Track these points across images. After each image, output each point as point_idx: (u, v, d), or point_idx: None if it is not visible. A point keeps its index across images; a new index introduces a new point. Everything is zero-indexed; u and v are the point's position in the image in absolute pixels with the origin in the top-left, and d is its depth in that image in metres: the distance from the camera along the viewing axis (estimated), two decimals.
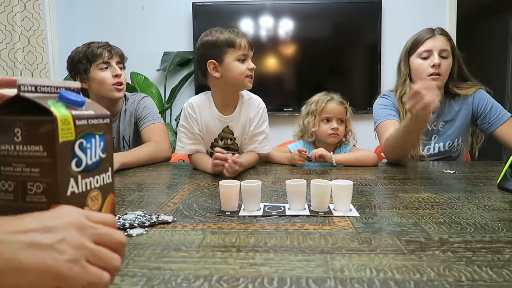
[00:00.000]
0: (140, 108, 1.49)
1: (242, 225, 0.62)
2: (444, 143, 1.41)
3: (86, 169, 0.41)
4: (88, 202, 0.42)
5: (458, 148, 1.42)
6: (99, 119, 0.44)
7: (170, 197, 0.83)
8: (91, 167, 0.42)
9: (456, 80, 1.39)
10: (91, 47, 1.37)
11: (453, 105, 1.40)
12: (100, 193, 0.44)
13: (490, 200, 0.77)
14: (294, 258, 0.48)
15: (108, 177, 0.46)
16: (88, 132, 0.42)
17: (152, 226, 0.62)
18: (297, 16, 2.70)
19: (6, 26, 2.32)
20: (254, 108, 1.30)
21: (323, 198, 0.69)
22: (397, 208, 0.71)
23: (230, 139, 1.29)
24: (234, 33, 1.18)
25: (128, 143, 1.51)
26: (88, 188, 0.42)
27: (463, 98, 1.39)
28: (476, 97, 1.38)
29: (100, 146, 0.44)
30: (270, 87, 2.76)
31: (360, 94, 2.75)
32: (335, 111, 1.35)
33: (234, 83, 1.21)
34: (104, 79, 1.37)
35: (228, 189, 0.70)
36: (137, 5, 2.76)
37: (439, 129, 1.41)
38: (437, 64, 1.29)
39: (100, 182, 0.44)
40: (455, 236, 0.55)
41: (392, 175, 1.08)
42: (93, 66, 1.37)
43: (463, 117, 1.39)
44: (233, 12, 2.70)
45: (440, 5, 2.68)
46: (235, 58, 1.17)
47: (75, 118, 0.40)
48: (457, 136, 1.40)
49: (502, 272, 0.43)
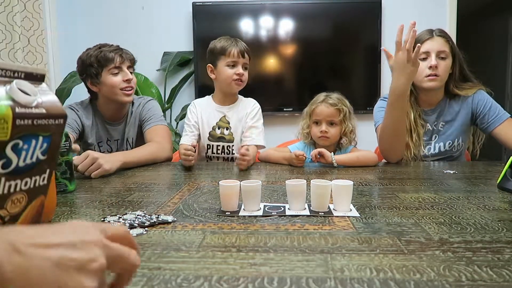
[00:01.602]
0: (145, 111, 1.51)
1: (242, 225, 0.62)
2: (444, 142, 1.42)
3: (14, 171, 0.37)
4: (7, 205, 0.38)
5: (458, 148, 1.42)
6: (50, 119, 0.39)
7: (170, 197, 0.83)
8: (22, 169, 0.38)
9: (457, 80, 1.39)
10: (103, 51, 1.38)
11: (453, 105, 1.41)
12: (26, 196, 0.40)
13: (490, 200, 0.77)
14: (294, 258, 0.48)
15: (43, 179, 0.41)
16: (29, 133, 0.37)
17: (152, 226, 0.62)
18: (297, 16, 2.70)
19: (6, 26, 2.32)
20: (251, 105, 1.50)
21: (323, 198, 0.69)
22: (397, 208, 0.71)
23: (226, 128, 1.47)
24: (230, 41, 1.40)
25: (131, 145, 1.52)
26: (12, 190, 0.38)
27: (463, 98, 1.40)
28: (476, 98, 1.39)
29: (41, 148, 0.39)
30: (270, 87, 2.76)
31: (360, 94, 2.75)
32: (324, 114, 1.33)
33: (224, 85, 1.43)
34: (115, 84, 1.39)
35: (228, 189, 0.70)
36: (137, 5, 2.76)
37: (439, 129, 1.42)
38: (433, 65, 1.31)
39: (29, 185, 0.39)
40: (455, 236, 0.55)
41: (392, 175, 1.08)
42: (104, 70, 1.38)
43: (463, 117, 1.40)
44: (233, 12, 2.70)
45: (440, 5, 2.68)
46: (226, 64, 1.39)
47: (16, 117, 0.35)
48: (457, 135, 1.41)
49: (502, 272, 0.43)
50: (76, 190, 0.91)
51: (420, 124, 1.40)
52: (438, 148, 1.42)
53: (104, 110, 1.49)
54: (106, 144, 1.50)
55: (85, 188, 0.93)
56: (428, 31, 1.36)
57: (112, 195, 0.86)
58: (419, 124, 1.40)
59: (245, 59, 1.40)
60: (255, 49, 2.76)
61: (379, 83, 2.69)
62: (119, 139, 1.51)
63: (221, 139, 1.46)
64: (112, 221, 0.63)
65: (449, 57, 1.34)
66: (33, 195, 0.41)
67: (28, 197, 0.40)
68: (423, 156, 1.42)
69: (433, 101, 1.42)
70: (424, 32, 1.37)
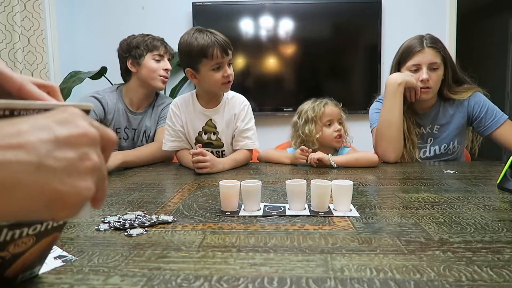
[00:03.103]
0: (164, 110, 1.54)
1: (242, 225, 0.62)
2: (439, 146, 1.41)
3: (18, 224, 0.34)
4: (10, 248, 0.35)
5: (454, 150, 1.42)
6: None
7: (170, 197, 0.83)
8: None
9: (451, 85, 1.38)
10: (149, 39, 1.48)
11: (448, 109, 1.40)
12: (34, 238, 0.37)
13: (490, 200, 0.77)
14: (294, 258, 0.48)
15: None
16: None
17: (152, 226, 0.62)
18: (297, 16, 2.70)
19: (6, 26, 2.32)
20: (238, 104, 1.34)
21: (323, 198, 0.69)
22: (397, 208, 0.71)
23: (213, 133, 1.33)
24: (207, 38, 1.17)
25: (147, 138, 1.54)
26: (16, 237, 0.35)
27: (458, 101, 1.39)
28: (471, 100, 1.37)
29: None
30: (270, 87, 2.76)
31: (360, 94, 2.75)
32: (335, 113, 1.34)
33: (211, 90, 1.27)
34: (156, 69, 1.46)
35: (228, 189, 0.70)
36: (137, 5, 2.76)
37: (434, 133, 1.42)
38: (425, 79, 1.30)
39: (39, 229, 0.37)
40: (455, 236, 0.55)
41: (392, 175, 1.08)
42: (148, 54, 1.46)
43: (458, 120, 1.39)
44: (233, 12, 2.70)
45: (440, 5, 2.67)
46: (210, 68, 1.20)
47: None
48: (453, 138, 1.40)
49: (502, 272, 0.43)
50: None
51: (414, 133, 1.39)
52: (433, 151, 1.42)
53: (132, 94, 1.51)
54: (124, 131, 1.51)
55: None
56: (418, 41, 1.33)
57: (112, 195, 0.86)
58: (413, 133, 1.38)
59: (229, 55, 1.21)
60: (255, 49, 2.76)
61: (379, 83, 2.68)
62: (136, 129, 1.53)
63: (209, 145, 1.32)
64: (112, 221, 0.63)
65: (441, 67, 1.33)
66: (43, 236, 0.38)
67: (36, 238, 0.37)
68: (418, 159, 1.41)
69: (426, 106, 1.42)
70: (414, 41, 1.34)
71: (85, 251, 0.51)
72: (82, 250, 0.51)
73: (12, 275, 0.39)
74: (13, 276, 0.39)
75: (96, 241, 0.55)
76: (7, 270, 0.37)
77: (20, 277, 0.40)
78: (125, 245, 0.54)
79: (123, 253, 0.50)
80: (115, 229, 0.60)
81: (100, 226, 0.61)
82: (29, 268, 0.41)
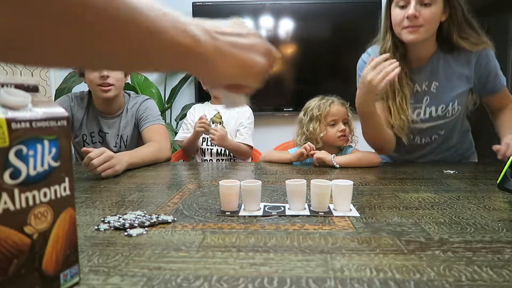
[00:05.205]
0: (142, 110, 1.51)
1: (242, 225, 0.62)
2: (436, 107, 1.21)
3: (27, 181, 0.35)
4: (31, 220, 0.35)
5: (453, 113, 1.21)
6: (51, 121, 0.37)
7: (170, 197, 0.83)
8: (36, 179, 0.36)
9: (464, 27, 1.12)
10: None
11: (450, 61, 1.17)
12: (50, 209, 0.37)
13: (490, 200, 0.77)
14: (294, 258, 0.48)
15: (65, 189, 0.39)
16: (31, 137, 0.35)
17: (152, 226, 0.62)
18: (297, 16, 2.71)
19: None
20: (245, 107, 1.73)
21: (323, 198, 0.69)
22: (397, 208, 0.71)
23: (219, 123, 1.72)
24: None
25: (125, 143, 1.52)
26: (31, 203, 0.35)
27: (464, 55, 1.16)
28: (482, 59, 1.16)
29: (51, 153, 0.37)
30: (270, 87, 2.76)
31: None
32: (340, 113, 1.33)
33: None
34: (91, 80, 1.42)
35: (228, 189, 0.70)
36: None
37: (431, 91, 1.20)
38: (410, 15, 1.06)
39: (50, 196, 0.37)
40: (455, 236, 0.55)
41: (392, 175, 1.08)
42: None
43: (462, 78, 1.18)
44: (233, 12, 2.70)
45: None
46: None
47: (10, 121, 0.33)
48: (453, 99, 1.19)
49: (502, 272, 0.43)
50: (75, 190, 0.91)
51: (406, 84, 1.17)
52: (429, 113, 1.22)
53: (96, 100, 1.52)
54: (98, 135, 1.51)
55: (85, 188, 0.93)
56: None
57: (112, 195, 0.86)
58: (404, 84, 1.17)
59: None
60: None
61: None
62: (108, 133, 1.52)
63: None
64: (112, 221, 0.63)
65: (437, 3, 1.08)
66: (58, 207, 0.38)
67: (53, 210, 0.38)
68: (411, 121, 1.22)
69: (422, 56, 1.19)
70: None
71: (85, 251, 0.51)
72: (82, 250, 0.51)
73: (52, 271, 0.38)
74: (53, 275, 0.38)
75: (96, 241, 0.55)
76: (43, 259, 0.36)
77: (62, 278, 0.39)
78: (125, 245, 0.53)
79: (123, 253, 0.50)
80: (115, 229, 0.60)
81: (100, 226, 0.61)
82: (66, 264, 0.39)
